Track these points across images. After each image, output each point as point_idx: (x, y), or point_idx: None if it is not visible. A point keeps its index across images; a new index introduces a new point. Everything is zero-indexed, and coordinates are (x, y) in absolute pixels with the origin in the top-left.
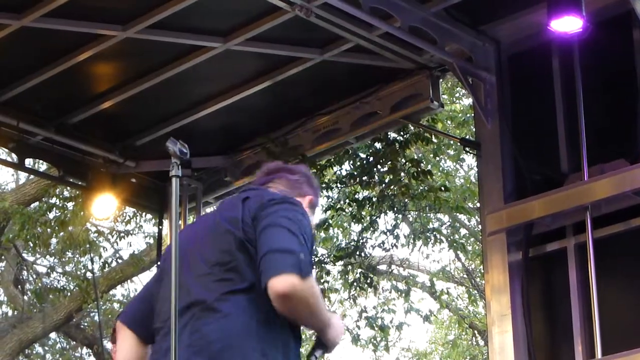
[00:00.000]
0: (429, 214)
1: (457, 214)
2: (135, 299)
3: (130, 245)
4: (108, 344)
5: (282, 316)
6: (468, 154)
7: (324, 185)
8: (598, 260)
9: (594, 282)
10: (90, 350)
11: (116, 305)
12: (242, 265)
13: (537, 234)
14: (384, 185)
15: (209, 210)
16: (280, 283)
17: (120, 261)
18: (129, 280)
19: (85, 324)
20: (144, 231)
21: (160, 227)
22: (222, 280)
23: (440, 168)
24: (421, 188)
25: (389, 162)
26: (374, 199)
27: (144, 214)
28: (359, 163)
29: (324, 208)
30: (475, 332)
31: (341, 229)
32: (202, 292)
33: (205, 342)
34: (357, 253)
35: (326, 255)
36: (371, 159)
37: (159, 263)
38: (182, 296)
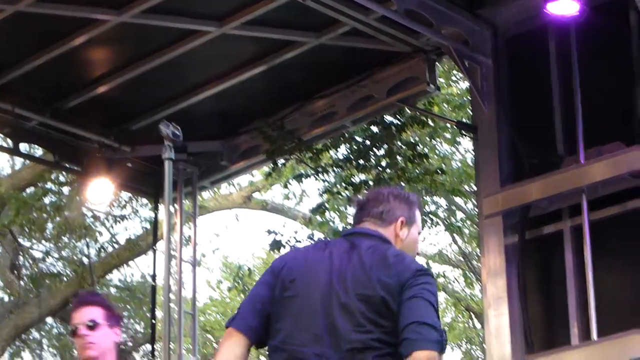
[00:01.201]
0: (425, 197)
1: (454, 197)
2: (250, 308)
3: (127, 230)
4: None
5: None
6: (464, 137)
7: (320, 169)
8: (594, 243)
9: (590, 265)
10: None
11: (112, 290)
12: (387, 331)
13: (533, 217)
14: (380, 168)
15: (205, 195)
16: (423, 357)
17: (116, 246)
18: (125, 265)
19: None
20: (140, 216)
21: (156, 211)
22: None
23: (437, 151)
24: (417, 171)
25: (385, 146)
26: (371, 183)
27: (139, 198)
28: (355, 147)
29: (320, 192)
30: (472, 314)
31: (337, 213)
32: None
33: None
34: None
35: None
36: (367, 142)
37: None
38: (318, 339)
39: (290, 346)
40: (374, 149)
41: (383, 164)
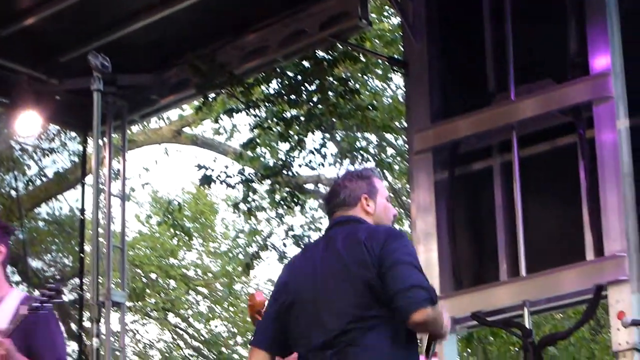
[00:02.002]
0: (356, 133)
1: (385, 133)
2: (264, 323)
3: (55, 163)
4: (33, 262)
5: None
6: (396, 73)
7: (251, 103)
8: (523, 179)
9: (519, 201)
10: (15, 268)
11: (41, 224)
12: (375, 305)
13: (463, 153)
14: (311, 104)
15: (134, 129)
16: (420, 317)
17: (44, 179)
18: (53, 199)
19: (10, 242)
20: (69, 149)
21: (85, 145)
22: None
23: (368, 87)
24: (349, 107)
25: (317, 81)
26: (302, 118)
27: (68, 131)
28: (286, 82)
29: (251, 127)
30: None
31: (268, 148)
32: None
33: None
34: (285, 172)
35: (253, 174)
36: (299, 77)
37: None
38: (319, 333)
39: (301, 349)
40: (305, 84)
41: (314, 99)
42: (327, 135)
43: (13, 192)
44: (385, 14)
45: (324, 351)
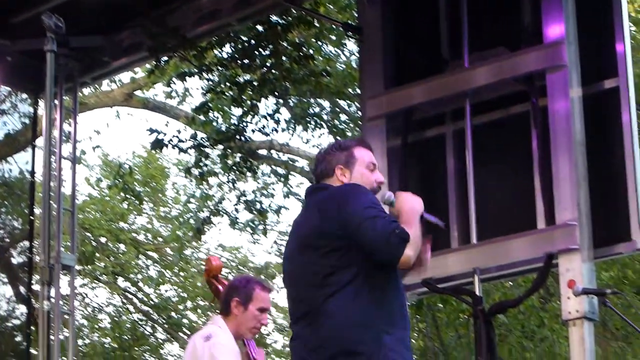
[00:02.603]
0: (309, 99)
1: (338, 100)
2: None
3: (6, 125)
4: None
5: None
6: (350, 39)
7: (204, 67)
8: (476, 147)
9: (471, 169)
10: None
11: None
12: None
13: (416, 120)
14: (265, 69)
15: (85, 91)
16: (404, 264)
17: None
18: (3, 161)
19: None
20: (20, 111)
21: (36, 107)
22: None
23: (322, 53)
24: (302, 72)
25: (271, 46)
26: (255, 83)
27: (19, 93)
28: (240, 46)
29: (203, 91)
30: None
31: (221, 113)
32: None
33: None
34: (237, 137)
35: (205, 139)
36: (253, 42)
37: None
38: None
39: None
40: (259, 48)
41: (268, 64)
42: (281, 100)
43: None
44: None
45: (299, 324)
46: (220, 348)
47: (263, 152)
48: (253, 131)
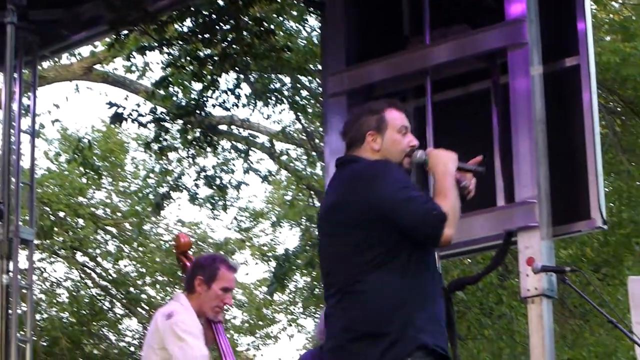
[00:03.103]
0: (270, 75)
1: (299, 75)
2: None
3: None
4: None
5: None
6: (312, 14)
7: (164, 42)
8: (436, 124)
9: (432, 146)
10: None
11: None
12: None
13: (377, 97)
14: (226, 43)
15: (44, 64)
16: (445, 241)
17: None
18: None
19: None
20: None
21: None
22: None
23: (284, 28)
24: (264, 48)
25: (232, 21)
26: (216, 58)
27: None
28: (201, 20)
29: (164, 65)
30: (312, 193)
31: (181, 87)
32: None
33: None
34: (197, 112)
35: (165, 114)
36: (214, 16)
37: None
38: (327, 281)
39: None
40: (220, 23)
41: (229, 39)
42: (241, 75)
43: None
44: None
45: (330, 301)
46: (181, 326)
47: (223, 127)
48: (213, 106)
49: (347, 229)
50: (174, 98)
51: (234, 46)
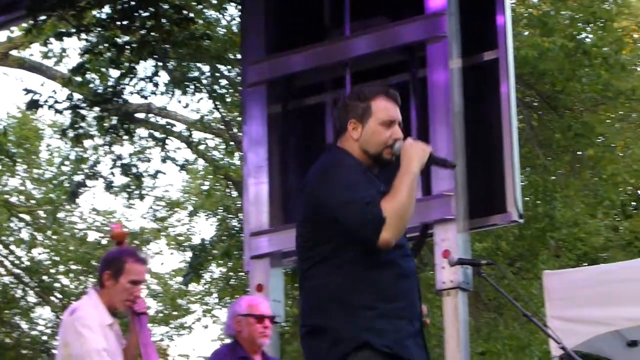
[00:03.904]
0: (189, 63)
1: (218, 64)
2: None
3: None
4: None
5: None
6: (231, 3)
7: (82, 27)
8: None
9: None
10: None
11: None
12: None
13: (297, 87)
14: (144, 30)
15: None
16: (383, 244)
17: None
18: None
19: None
20: None
21: None
22: None
23: (203, 16)
24: (183, 35)
25: (151, 7)
26: (134, 45)
27: None
28: (119, 6)
29: (81, 51)
30: (230, 183)
31: (99, 74)
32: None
33: None
34: (115, 99)
35: (82, 101)
36: (132, 3)
37: None
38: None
39: None
40: (139, 10)
41: (148, 25)
42: (160, 63)
43: None
44: None
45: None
46: (81, 321)
47: (141, 115)
48: (131, 94)
49: (301, 222)
50: (91, 85)
51: (152, 33)
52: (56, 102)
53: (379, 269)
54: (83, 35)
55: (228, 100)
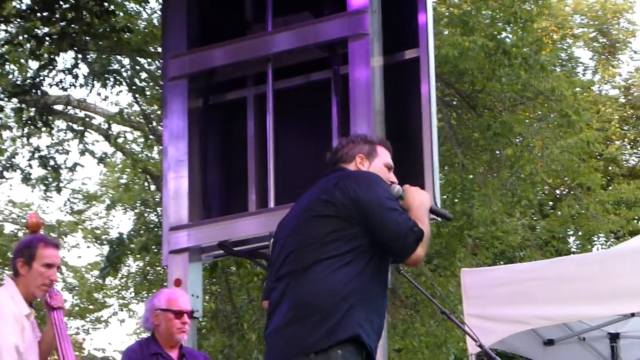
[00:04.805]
0: (109, 55)
1: (139, 57)
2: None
3: None
4: None
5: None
6: None
7: (2, 19)
8: (277, 112)
9: (271, 134)
10: None
11: None
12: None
13: (218, 82)
14: (65, 22)
15: None
16: (413, 261)
17: None
18: None
19: None
20: None
21: None
22: None
23: (124, 9)
24: (103, 28)
25: None
26: (54, 36)
27: None
28: None
29: (0, 43)
30: (148, 177)
31: (18, 65)
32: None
33: None
34: (33, 91)
35: (0, 92)
36: None
37: None
38: (280, 265)
39: (269, 281)
40: (59, 1)
41: (68, 17)
42: (80, 55)
43: None
44: None
45: (280, 282)
46: None
47: (59, 107)
48: (50, 85)
49: (323, 216)
50: (10, 76)
51: (73, 25)
52: None
53: (376, 281)
54: (2, 26)
55: (148, 93)
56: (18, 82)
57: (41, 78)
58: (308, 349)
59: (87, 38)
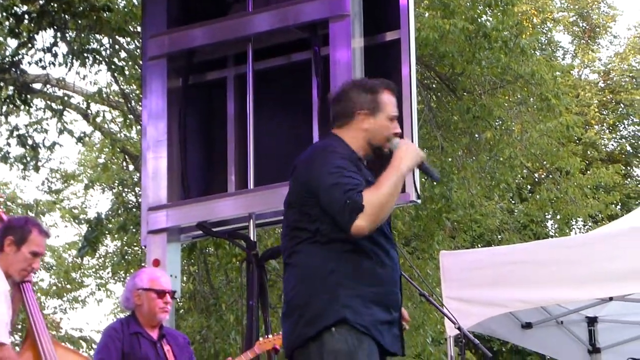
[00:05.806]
0: (89, 34)
1: (118, 36)
2: None
3: None
4: None
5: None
6: None
7: None
8: (257, 93)
9: (251, 114)
10: None
11: None
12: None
13: (198, 62)
14: (44, 0)
15: None
16: (356, 231)
17: None
18: None
19: None
20: None
21: None
22: None
23: None
24: (83, 6)
25: None
26: (33, 15)
27: None
28: None
29: None
30: (127, 156)
31: None
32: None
33: None
34: (12, 69)
35: None
36: None
37: None
38: None
39: None
40: None
41: None
42: (59, 34)
43: None
44: None
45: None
46: None
47: (38, 86)
48: (29, 64)
49: (289, 204)
50: None
51: (52, 4)
52: None
53: (361, 253)
54: None
55: (127, 73)
56: None
57: (20, 56)
58: (294, 344)
59: (66, 16)
